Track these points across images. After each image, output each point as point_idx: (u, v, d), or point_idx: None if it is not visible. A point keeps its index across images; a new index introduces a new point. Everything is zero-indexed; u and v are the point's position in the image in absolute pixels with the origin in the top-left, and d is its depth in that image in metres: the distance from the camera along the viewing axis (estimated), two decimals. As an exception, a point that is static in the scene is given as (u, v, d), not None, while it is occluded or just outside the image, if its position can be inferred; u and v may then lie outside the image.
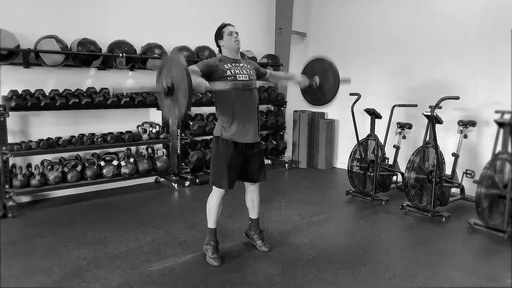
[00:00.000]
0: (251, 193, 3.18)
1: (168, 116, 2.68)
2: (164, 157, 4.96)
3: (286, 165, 6.16)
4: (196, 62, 5.26)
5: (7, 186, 3.94)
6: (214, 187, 3.01)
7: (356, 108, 4.65)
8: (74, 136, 4.35)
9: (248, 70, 3.00)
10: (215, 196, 3.01)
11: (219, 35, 3.01)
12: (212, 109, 5.54)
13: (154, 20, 5.09)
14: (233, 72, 2.90)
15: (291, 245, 3.33)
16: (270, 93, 5.98)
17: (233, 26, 3.05)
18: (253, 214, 3.24)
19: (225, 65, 2.91)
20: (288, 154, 6.50)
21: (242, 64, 3.01)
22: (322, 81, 3.41)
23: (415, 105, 4.66)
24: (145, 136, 4.81)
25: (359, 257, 3.12)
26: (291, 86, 3.10)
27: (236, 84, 2.87)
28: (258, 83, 6.15)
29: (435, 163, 3.93)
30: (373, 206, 4.39)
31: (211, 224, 3.04)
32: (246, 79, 2.94)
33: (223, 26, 3.02)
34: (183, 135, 5.12)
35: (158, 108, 5.04)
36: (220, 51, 3.07)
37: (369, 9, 5.79)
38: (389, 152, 4.84)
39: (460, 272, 2.92)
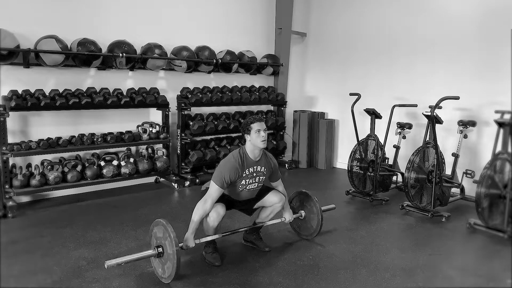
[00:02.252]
0: (276, 208, 3.17)
1: (158, 275, 2.71)
2: (164, 157, 4.96)
3: (286, 165, 6.16)
4: (196, 62, 5.32)
5: (7, 186, 3.94)
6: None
7: (356, 108, 4.65)
8: (74, 136, 4.35)
9: (261, 177, 3.03)
10: (209, 221, 2.90)
11: (247, 129, 2.93)
12: (212, 109, 5.55)
13: (154, 20, 5.09)
14: (247, 182, 2.95)
15: (291, 245, 3.33)
16: (270, 93, 5.98)
17: (263, 121, 2.97)
18: (261, 222, 3.26)
19: (244, 172, 2.90)
20: (288, 154, 6.50)
21: (259, 168, 2.99)
22: (307, 218, 3.41)
23: (415, 105, 4.66)
24: (145, 136, 4.81)
25: (359, 257, 3.12)
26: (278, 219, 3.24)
27: (243, 191, 3.00)
28: (260, 81, 6.17)
29: (435, 163, 3.93)
30: (373, 206, 4.39)
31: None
32: (254, 187, 3.03)
33: (252, 121, 2.93)
34: (183, 135, 5.12)
35: (158, 108, 5.05)
36: (244, 142, 3.00)
37: (369, 9, 5.79)
38: (389, 152, 4.84)
39: (460, 272, 2.92)
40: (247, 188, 3.00)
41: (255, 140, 2.90)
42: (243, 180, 2.93)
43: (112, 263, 2.50)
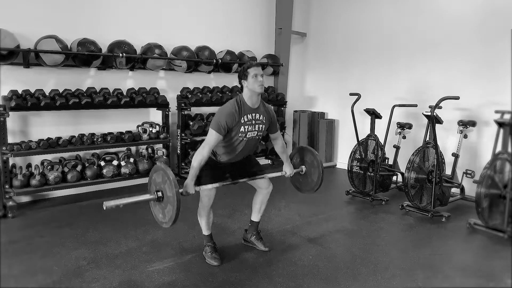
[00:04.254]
0: (263, 195, 3.17)
1: (158, 221, 2.71)
2: (164, 157, 4.96)
3: (286, 165, 6.14)
4: (196, 62, 5.32)
5: (7, 186, 3.94)
6: (200, 195, 2.97)
7: (356, 108, 4.65)
8: (74, 136, 4.35)
9: (261, 126, 2.96)
10: (201, 206, 3.00)
11: (243, 74, 2.87)
12: (212, 109, 5.54)
13: (154, 20, 5.09)
14: (246, 129, 2.88)
15: (291, 245, 3.33)
16: (270, 93, 5.98)
17: (260, 66, 2.92)
18: (256, 217, 3.24)
19: (243, 118, 2.86)
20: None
21: (258, 116, 2.94)
22: (308, 172, 3.38)
23: (415, 105, 4.66)
24: (145, 136, 4.81)
25: (359, 257, 3.12)
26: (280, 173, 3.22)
27: (242, 140, 2.90)
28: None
29: (435, 163, 3.93)
30: (373, 206, 4.39)
31: (205, 231, 3.08)
32: (254, 135, 2.95)
33: (249, 66, 2.88)
34: (183, 135, 5.12)
35: (158, 108, 5.05)
36: (241, 89, 2.95)
37: (369, 9, 5.79)
38: (389, 152, 4.84)
39: (460, 272, 2.92)
40: (247, 136, 2.89)
41: (252, 85, 2.84)
42: (242, 127, 2.85)
43: (111, 204, 2.48)
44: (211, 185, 2.87)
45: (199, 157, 2.77)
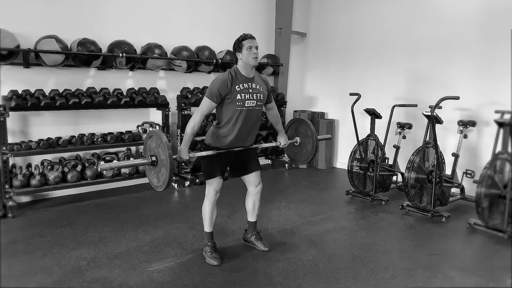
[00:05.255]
0: (254, 196, 3.18)
1: (153, 185, 2.77)
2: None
3: (286, 165, 6.16)
4: (196, 62, 5.32)
5: (7, 186, 3.94)
6: (206, 190, 3.02)
7: (356, 108, 4.65)
8: (74, 136, 4.35)
9: (258, 95, 2.93)
10: (207, 201, 3.03)
11: (238, 47, 2.89)
12: (212, 109, 5.54)
13: (154, 20, 5.09)
14: (242, 97, 2.85)
15: (291, 245, 3.33)
16: (270, 93, 5.97)
17: (254, 38, 2.94)
18: (252, 217, 3.24)
19: (237, 86, 2.84)
20: (288, 154, 6.49)
21: (255, 86, 2.93)
22: (302, 143, 3.43)
23: (415, 105, 4.66)
24: (145, 136, 4.80)
25: (359, 257, 3.12)
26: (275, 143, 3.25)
27: (242, 110, 2.87)
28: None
29: (435, 163, 3.93)
30: (373, 206, 4.39)
31: (207, 228, 3.07)
32: (253, 105, 2.90)
33: (243, 38, 2.91)
34: (183, 135, 5.11)
35: (158, 108, 5.04)
36: (236, 62, 2.96)
37: (369, 9, 5.79)
38: (389, 152, 4.84)
39: (460, 272, 2.92)
40: (246, 105, 2.85)
41: (247, 57, 2.86)
42: (238, 95, 2.83)
43: (105, 167, 2.53)
44: (205, 152, 2.92)
45: (191, 123, 2.84)
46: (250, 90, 2.89)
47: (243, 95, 2.85)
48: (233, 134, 2.91)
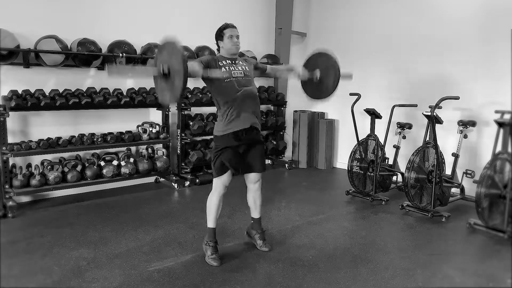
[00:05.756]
0: (254, 192, 3.18)
1: (163, 100, 2.74)
2: (164, 157, 4.96)
3: (286, 165, 6.15)
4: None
5: (7, 186, 3.94)
6: (214, 183, 3.02)
7: (356, 108, 4.65)
8: (74, 136, 4.35)
9: (243, 67, 3.01)
10: (215, 194, 3.02)
11: (219, 35, 3.00)
12: (212, 109, 5.54)
13: (154, 20, 5.09)
14: (227, 69, 2.92)
15: (291, 245, 3.33)
16: (270, 93, 5.97)
17: (235, 28, 3.01)
18: (256, 213, 3.24)
19: (221, 62, 2.94)
20: (288, 154, 6.50)
21: (238, 62, 3.02)
22: (323, 76, 3.34)
23: (415, 105, 4.66)
24: (145, 136, 4.81)
25: (359, 257, 3.12)
26: (292, 79, 3.10)
27: (231, 81, 2.88)
28: (260, 81, 6.16)
29: (435, 163, 3.93)
30: (373, 206, 4.39)
31: (210, 223, 3.04)
32: (241, 75, 2.96)
33: (224, 27, 2.99)
34: (183, 135, 5.12)
35: (158, 108, 5.05)
36: (218, 50, 3.06)
37: (369, 9, 5.79)
38: (389, 152, 4.84)
39: (460, 272, 2.92)
40: (233, 75, 2.90)
41: (228, 45, 2.95)
42: (223, 68, 2.90)
43: (113, 71, 2.47)
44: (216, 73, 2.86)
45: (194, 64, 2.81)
46: (234, 66, 2.97)
47: (227, 67, 2.93)
48: (233, 111, 2.89)
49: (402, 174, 4.44)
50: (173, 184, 4.93)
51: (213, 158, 3.00)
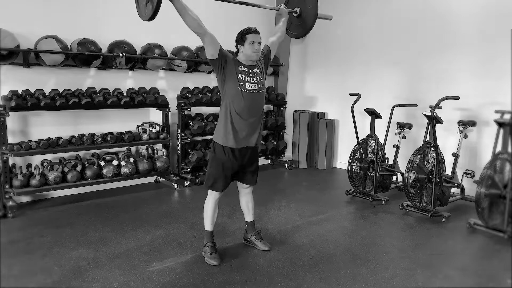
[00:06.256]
0: (246, 196, 3.20)
1: (141, 15, 2.69)
2: (164, 157, 4.96)
3: (286, 165, 6.15)
4: (196, 62, 5.32)
5: (7, 186, 3.94)
6: (209, 190, 3.03)
7: (356, 108, 4.65)
8: (74, 136, 4.35)
9: (258, 78, 2.91)
10: (211, 199, 3.03)
11: (241, 39, 2.87)
12: (212, 109, 5.55)
13: (154, 20, 5.06)
14: (244, 78, 2.83)
15: (291, 245, 3.33)
16: (270, 93, 5.98)
17: (258, 33, 2.88)
18: (249, 217, 3.26)
19: (239, 67, 2.85)
20: (288, 154, 6.50)
21: (255, 70, 2.92)
22: (302, 10, 3.40)
23: (415, 105, 4.66)
24: (145, 136, 4.81)
25: (359, 257, 3.12)
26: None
27: (243, 92, 2.83)
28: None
29: (435, 163, 3.93)
30: (373, 206, 4.39)
31: (207, 226, 3.06)
32: (255, 88, 2.87)
33: (247, 31, 2.86)
34: (183, 135, 5.12)
35: (158, 108, 5.04)
36: (237, 54, 2.94)
37: (369, 8, 5.78)
38: (389, 152, 4.84)
39: (460, 272, 2.92)
40: (247, 88, 2.83)
41: (248, 51, 2.83)
42: (240, 75, 2.82)
43: None
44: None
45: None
46: (251, 74, 2.88)
47: (245, 75, 2.84)
48: (236, 125, 2.86)
49: (402, 174, 4.43)
50: (173, 184, 4.93)
51: (209, 167, 3.01)
